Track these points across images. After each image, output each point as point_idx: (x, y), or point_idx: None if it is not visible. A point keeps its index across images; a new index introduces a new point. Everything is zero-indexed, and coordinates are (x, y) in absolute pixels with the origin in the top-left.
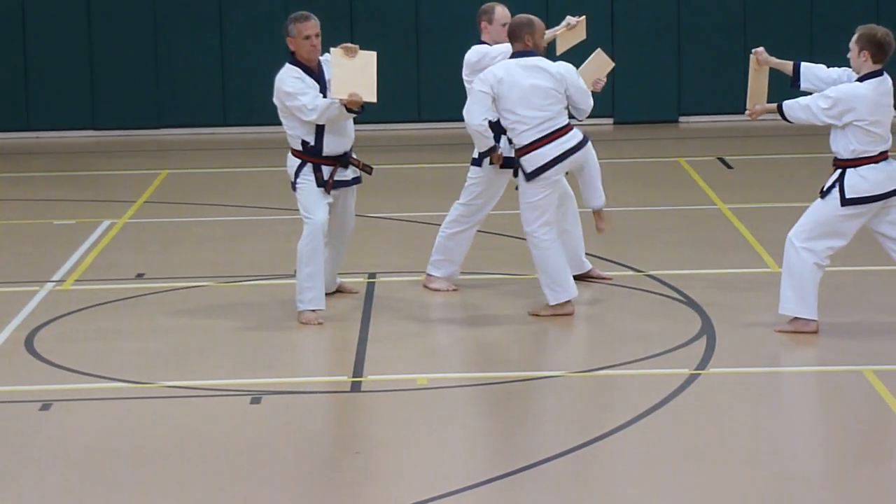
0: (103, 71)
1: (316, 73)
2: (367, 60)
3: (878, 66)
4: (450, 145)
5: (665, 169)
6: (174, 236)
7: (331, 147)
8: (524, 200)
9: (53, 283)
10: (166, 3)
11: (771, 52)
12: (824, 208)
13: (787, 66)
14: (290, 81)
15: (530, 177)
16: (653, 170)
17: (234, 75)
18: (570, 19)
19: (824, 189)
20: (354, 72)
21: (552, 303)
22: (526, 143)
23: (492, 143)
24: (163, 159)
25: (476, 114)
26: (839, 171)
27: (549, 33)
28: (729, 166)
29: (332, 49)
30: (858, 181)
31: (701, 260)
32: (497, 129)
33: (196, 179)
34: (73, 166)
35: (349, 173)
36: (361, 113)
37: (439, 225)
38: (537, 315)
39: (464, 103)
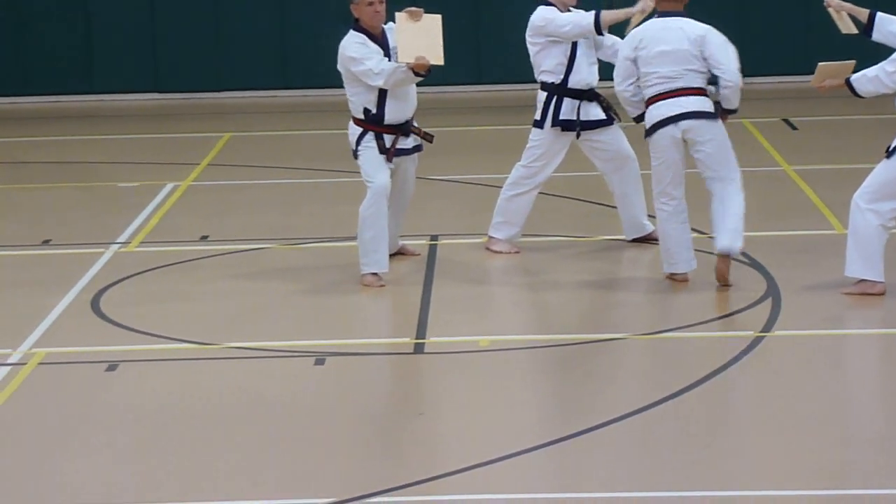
0: (165, 34)
1: (380, 40)
2: (433, 23)
3: None
4: (510, 107)
5: (730, 130)
6: (237, 199)
7: (393, 115)
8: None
9: (119, 245)
10: None
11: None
12: (890, 168)
13: (862, 13)
14: (354, 47)
15: (645, 135)
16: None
17: (293, 38)
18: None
19: (890, 149)
20: (420, 35)
21: (665, 271)
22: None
23: (639, 110)
24: (225, 122)
25: (617, 80)
26: None
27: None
28: (794, 127)
29: (396, 14)
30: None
31: (766, 222)
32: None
33: (258, 142)
34: (136, 129)
35: (410, 141)
36: (428, 76)
37: (500, 187)
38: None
39: (525, 65)
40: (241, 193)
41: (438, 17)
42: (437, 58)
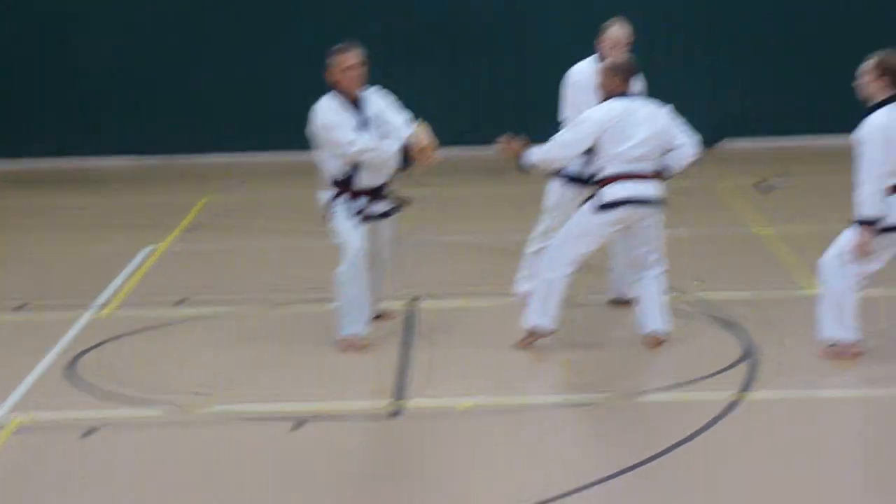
0: (144, 96)
1: (356, 106)
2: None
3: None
4: (494, 168)
5: (702, 192)
6: (215, 261)
7: (366, 180)
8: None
9: (96, 309)
10: (203, 31)
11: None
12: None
13: None
14: (328, 114)
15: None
16: (692, 194)
17: (274, 100)
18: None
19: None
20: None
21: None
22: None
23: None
24: (203, 185)
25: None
26: None
27: None
28: (767, 189)
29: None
30: (887, 209)
31: (740, 283)
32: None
33: (237, 205)
34: (114, 192)
35: (384, 205)
36: (406, 169)
37: (480, 247)
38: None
39: (509, 125)
40: (219, 256)
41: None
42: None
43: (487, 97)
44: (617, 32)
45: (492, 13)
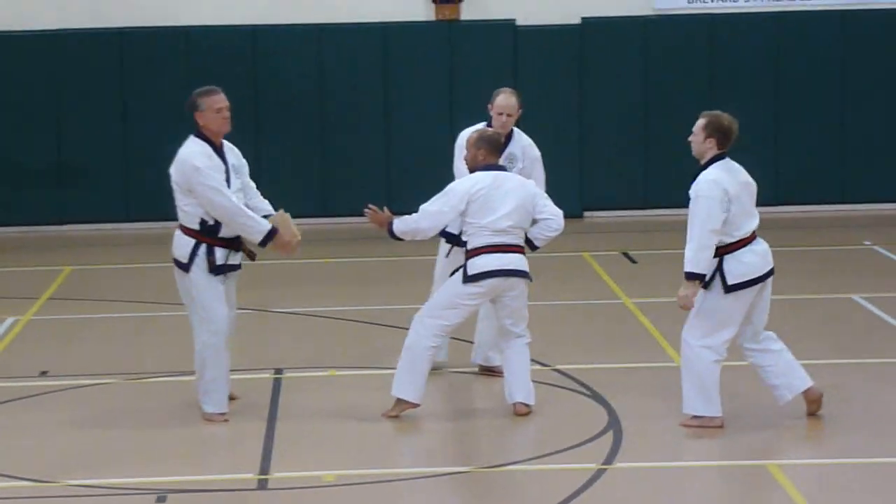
0: (6, 168)
1: (221, 152)
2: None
3: (722, 151)
4: (354, 239)
5: (571, 263)
6: (78, 333)
7: (227, 229)
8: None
9: None
10: (70, 95)
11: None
12: (709, 300)
13: None
14: (200, 157)
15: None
16: (559, 264)
17: (136, 170)
18: None
19: (705, 280)
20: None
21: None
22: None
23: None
24: (66, 255)
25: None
26: (717, 259)
27: None
28: (633, 261)
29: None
30: (736, 266)
31: (606, 354)
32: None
33: (100, 275)
34: None
35: (238, 257)
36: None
37: (344, 319)
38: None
39: (365, 197)
40: (83, 327)
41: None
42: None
43: (353, 167)
44: (503, 101)
45: (356, 87)
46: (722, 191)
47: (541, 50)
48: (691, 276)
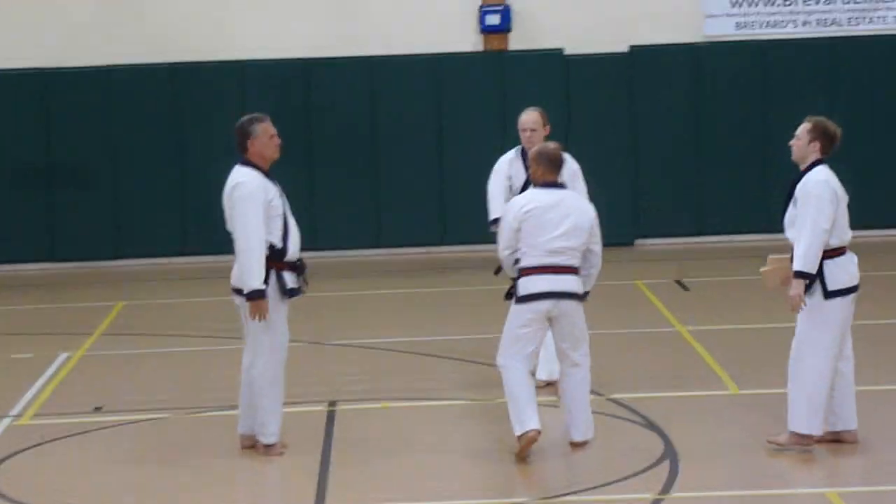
0: (61, 203)
1: (272, 179)
2: None
3: (824, 156)
4: (408, 270)
5: (623, 291)
6: (131, 368)
7: (293, 250)
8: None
9: (11, 418)
10: (125, 136)
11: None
12: (819, 309)
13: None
14: (253, 180)
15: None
16: (611, 292)
17: (193, 204)
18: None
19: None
20: None
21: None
22: None
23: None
24: (119, 290)
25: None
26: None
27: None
28: (686, 288)
29: None
30: (837, 272)
31: (661, 383)
32: None
33: (152, 310)
34: (29, 299)
35: (300, 281)
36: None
37: (397, 351)
38: None
39: (418, 229)
40: (136, 362)
41: None
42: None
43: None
44: (525, 117)
45: (408, 118)
46: (832, 191)
47: (590, 78)
48: (802, 276)
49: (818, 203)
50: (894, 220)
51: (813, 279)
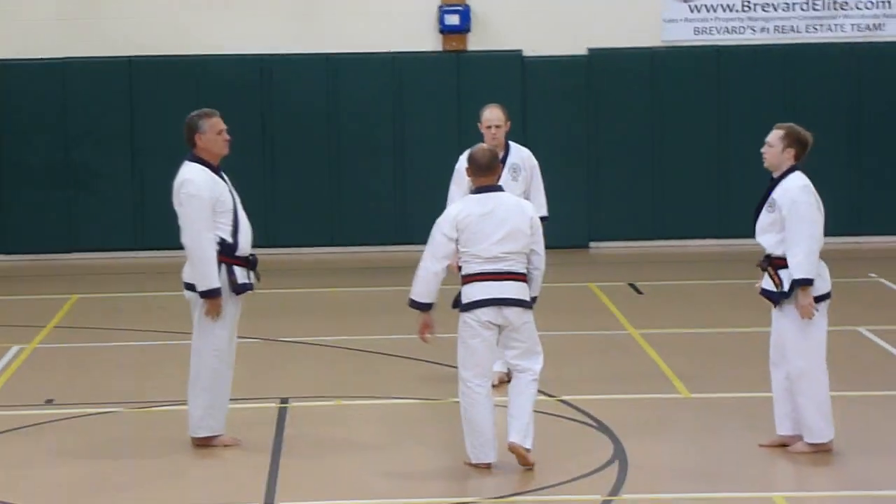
0: (14, 197)
1: (220, 175)
2: None
3: (798, 163)
4: (364, 269)
5: (576, 294)
6: (84, 362)
7: (244, 245)
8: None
9: None
10: (81, 131)
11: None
12: (796, 320)
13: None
14: (200, 176)
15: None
16: (564, 295)
17: (147, 198)
18: None
19: (779, 298)
20: None
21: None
22: None
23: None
24: (73, 284)
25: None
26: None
27: None
28: (639, 292)
29: None
30: (818, 279)
31: (612, 385)
32: None
33: (106, 304)
34: None
35: (252, 277)
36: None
37: (351, 349)
38: None
39: (376, 227)
40: (89, 356)
41: None
42: None
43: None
44: (488, 114)
45: (366, 117)
46: (815, 196)
47: (548, 80)
48: (806, 283)
49: (808, 210)
50: (837, 228)
51: (790, 290)
